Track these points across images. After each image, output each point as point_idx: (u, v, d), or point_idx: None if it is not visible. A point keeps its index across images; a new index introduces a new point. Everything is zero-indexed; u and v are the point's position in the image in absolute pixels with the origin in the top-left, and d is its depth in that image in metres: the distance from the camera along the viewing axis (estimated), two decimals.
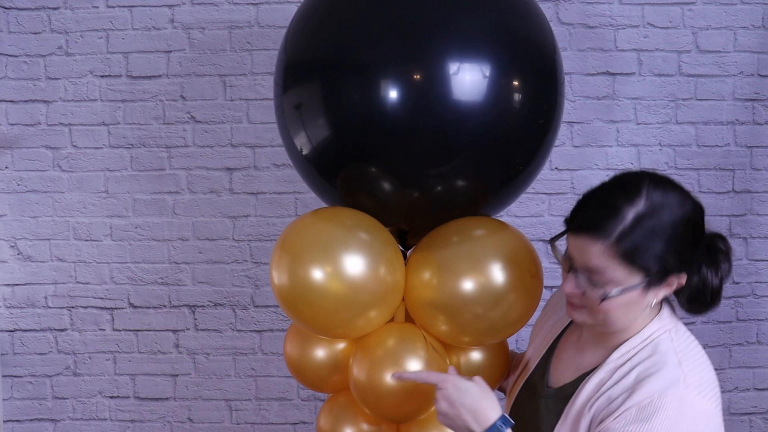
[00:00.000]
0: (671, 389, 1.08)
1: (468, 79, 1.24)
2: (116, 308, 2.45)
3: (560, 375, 1.26)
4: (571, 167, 2.39)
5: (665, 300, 1.20)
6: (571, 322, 1.32)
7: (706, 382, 1.12)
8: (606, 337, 1.19)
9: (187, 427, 2.48)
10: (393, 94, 1.24)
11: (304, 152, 1.38)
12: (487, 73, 1.26)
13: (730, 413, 2.48)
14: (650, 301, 1.14)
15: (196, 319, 2.45)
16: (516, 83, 1.30)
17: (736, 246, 2.40)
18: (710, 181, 2.38)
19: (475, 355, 1.45)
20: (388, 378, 1.31)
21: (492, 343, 1.42)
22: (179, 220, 2.41)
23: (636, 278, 1.10)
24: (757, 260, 2.44)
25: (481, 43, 1.27)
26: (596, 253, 1.10)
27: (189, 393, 2.47)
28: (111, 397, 2.48)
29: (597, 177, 2.38)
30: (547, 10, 2.32)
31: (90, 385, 2.47)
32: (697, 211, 1.13)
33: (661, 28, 2.34)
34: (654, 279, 1.11)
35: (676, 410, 1.06)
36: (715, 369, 1.12)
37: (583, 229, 1.12)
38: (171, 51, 2.36)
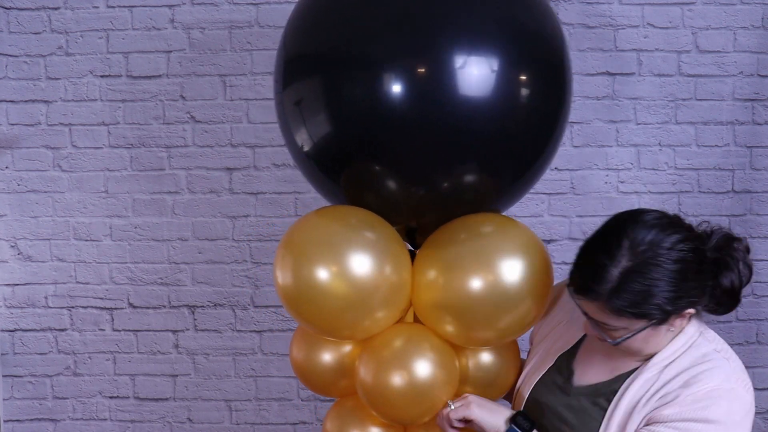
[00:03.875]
0: (725, 383, 1.15)
1: (475, 73, 1.21)
2: (116, 308, 2.45)
3: (592, 375, 1.26)
4: (571, 167, 2.39)
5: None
6: None
7: (745, 376, 1.20)
8: None
9: (186, 427, 2.48)
10: (397, 88, 1.20)
11: (306, 149, 1.34)
12: (495, 67, 1.22)
13: None
14: (669, 328, 1.17)
15: (195, 319, 2.45)
16: (524, 77, 1.26)
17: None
18: (710, 181, 2.38)
19: (486, 357, 1.40)
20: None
21: (503, 343, 1.38)
22: (179, 220, 2.41)
23: (641, 323, 1.14)
24: (757, 260, 2.43)
25: (488, 36, 1.23)
26: (594, 310, 1.15)
27: (189, 393, 2.47)
28: (111, 398, 2.48)
29: (597, 177, 2.38)
30: None
31: (90, 385, 2.47)
32: (690, 249, 1.13)
33: (661, 28, 2.34)
34: (660, 320, 1.14)
35: (730, 401, 1.14)
36: None
37: (577, 291, 1.16)
38: (171, 51, 2.36)
